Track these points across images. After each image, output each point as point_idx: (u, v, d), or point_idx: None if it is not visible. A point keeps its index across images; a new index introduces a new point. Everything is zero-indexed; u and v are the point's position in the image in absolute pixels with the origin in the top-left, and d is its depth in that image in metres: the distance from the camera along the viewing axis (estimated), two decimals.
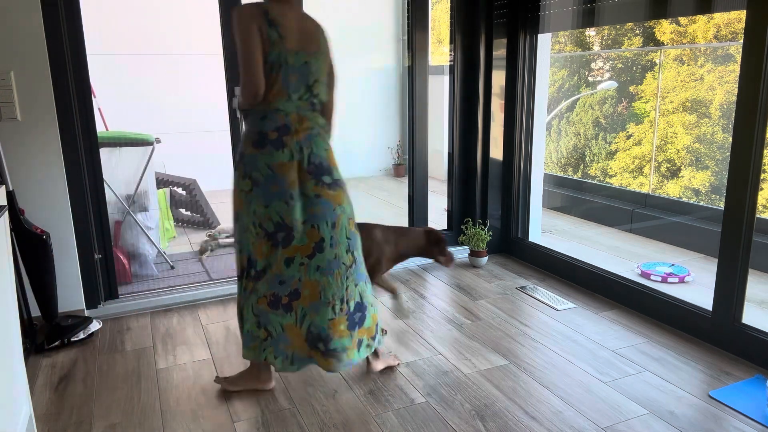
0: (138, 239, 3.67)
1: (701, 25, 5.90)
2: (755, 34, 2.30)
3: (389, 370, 2.47)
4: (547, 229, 4.74)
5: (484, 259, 3.73)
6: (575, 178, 6.12)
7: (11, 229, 2.50)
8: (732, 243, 2.48)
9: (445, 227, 4.02)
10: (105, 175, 3.10)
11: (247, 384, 2.33)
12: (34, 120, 2.71)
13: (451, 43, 3.75)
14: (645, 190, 5.48)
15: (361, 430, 2.07)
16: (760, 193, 2.42)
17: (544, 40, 3.60)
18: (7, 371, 1.66)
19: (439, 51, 6.87)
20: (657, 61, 5.82)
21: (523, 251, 3.79)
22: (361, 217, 2.37)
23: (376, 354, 2.45)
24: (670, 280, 3.56)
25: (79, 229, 2.92)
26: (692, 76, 5.34)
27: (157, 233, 3.97)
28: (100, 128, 3.16)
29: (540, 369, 2.46)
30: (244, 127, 2.18)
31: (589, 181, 5.94)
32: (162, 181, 4.66)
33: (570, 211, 5.26)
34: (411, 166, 3.74)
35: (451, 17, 3.70)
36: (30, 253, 2.61)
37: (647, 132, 5.77)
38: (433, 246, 2.70)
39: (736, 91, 2.39)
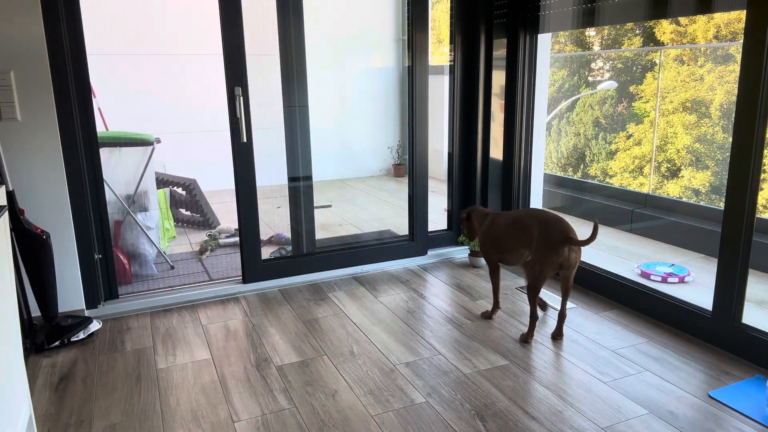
0: (138, 239, 3.67)
1: (701, 25, 5.90)
2: (755, 34, 2.30)
3: None
4: None
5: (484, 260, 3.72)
6: (575, 178, 6.12)
7: (11, 229, 2.50)
8: (732, 243, 2.48)
9: (445, 227, 4.03)
10: (105, 175, 3.10)
11: None
12: (34, 120, 2.71)
13: (451, 43, 3.75)
14: (645, 190, 5.48)
15: (361, 430, 2.07)
16: (760, 193, 2.42)
17: (544, 40, 3.60)
18: (7, 371, 1.66)
19: (439, 51, 6.87)
20: (657, 61, 5.82)
21: None
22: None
23: None
24: (670, 280, 3.56)
25: (79, 229, 2.92)
26: (692, 76, 5.34)
27: (157, 233, 3.97)
28: (100, 128, 3.16)
29: (540, 369, 2.46)
30: None
31: (589, 181, 5.94)
32: (162, 181, 4.66)
33: (570, 211, 5.26)
34: (411, 166, 3.74)
35: (451, 17, 3.70)
36: (30, 253, 2.61)
37: (647, 132, 5.77)
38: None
39: (736, 91, 2.39)
